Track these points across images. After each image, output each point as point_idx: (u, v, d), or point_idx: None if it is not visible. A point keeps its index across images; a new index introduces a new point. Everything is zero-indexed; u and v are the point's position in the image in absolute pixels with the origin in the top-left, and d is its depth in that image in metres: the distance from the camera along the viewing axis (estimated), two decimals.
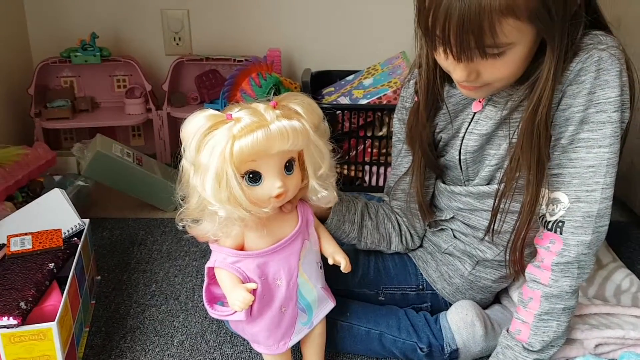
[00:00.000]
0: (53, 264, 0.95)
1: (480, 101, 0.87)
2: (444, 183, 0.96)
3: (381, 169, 1.54)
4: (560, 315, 0.81)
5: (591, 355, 0.88)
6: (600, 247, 0.81)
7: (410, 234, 1.02)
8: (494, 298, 1.04)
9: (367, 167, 1.55)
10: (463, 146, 0.89)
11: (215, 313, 0.83)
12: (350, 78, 1.65)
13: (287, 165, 0.75)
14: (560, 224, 0.79)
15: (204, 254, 1.27)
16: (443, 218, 0.98)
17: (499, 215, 0.84)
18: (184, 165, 0.74)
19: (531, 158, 0.77)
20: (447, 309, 0.98)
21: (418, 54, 0.87)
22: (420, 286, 1.01)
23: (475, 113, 0.87)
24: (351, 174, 1.57)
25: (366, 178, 1.56)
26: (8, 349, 0.82)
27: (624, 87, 0.75)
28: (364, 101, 1.50)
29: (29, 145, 1.46)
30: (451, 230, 0.98)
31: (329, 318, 0.90)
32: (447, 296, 1.00)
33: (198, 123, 0.71)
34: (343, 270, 0.85)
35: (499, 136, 0.85)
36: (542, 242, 0.82)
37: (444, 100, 0.89)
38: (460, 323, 0.94)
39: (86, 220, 1.11)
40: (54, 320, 0.83)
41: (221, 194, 0.70)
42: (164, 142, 1.74)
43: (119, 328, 1.03)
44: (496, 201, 0.84)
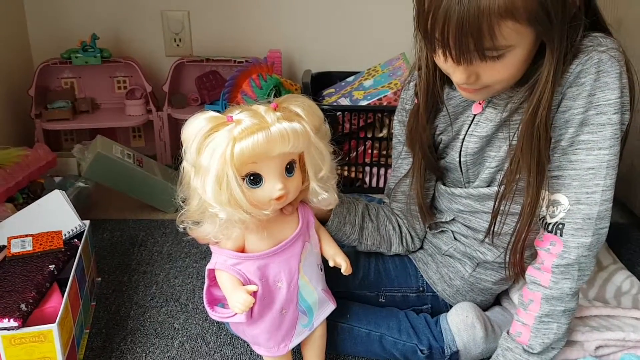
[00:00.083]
0: (53, 265, 0.95)
1: (480, 103, 0.87)
2: (444, 185, 0.96)
3: (381, 171, 1.54)
4: (560, 317, 0.81)
5: (591, 357, 0.88)
6: (600, 249, 0.81)
7: (410, 235, 1.02)
8: (494, 300, 1.04)
9: (368, 169, 1.55)
10: (463, 148, 0.89)
11: (216, 315, 0.83)
12: (350, 79, 1.65)
13: (288, 167, 0.75)
14: (560, 226, 0.79)
15: (204, 256, 1.27)
16: (443, 220, 0.97)
17: (499, 217, 0.84)
18: (185, 167, 0.74)
19: (531, 160, 0.77)
20: (448, 310, 0.98)
21: (418, 56, 0.87)
22: (421, 288, 1.01)
23: (475, 115, 0.87)
24: (351, 176, 1.57)
25: (366, 179, 1.56)
26: (8, 351, 0.82)
27: (624, 89, 0.75)
28: (364, 102, 1.50)
29: (30, 146, 1.46)
30: (451, 232, 0.98)
31: (330, 320, 0.90)
32: (448, 298, 1.00)
33: (199, 125, 0.71)
34: (344, 273, 0.85)
35: (499, 138, 0.85)
36: (543, 244, 0.82)
37: (444, 102, 0.89)
38: (461, 325, 0.94)
39: (86, 221, 1.12)
40: (55, 322, 0.83)
41: (222, 196, 0.70)
42: (164, 144, 1.74)
43: (119, 330, 1.04)
44: (496, 203, 0.84)
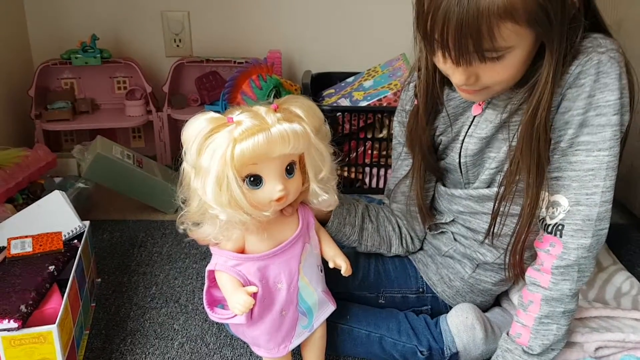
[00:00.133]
0: (53, 266, 0.95)
1: (480, 104, 0.86)
2: (444, 186, 0.96)
3: (381, 171, 1.54)
4: (560, 318, 0.81)
5: (591, 359, 0.89)
6: (600, 250, 0.81)
7: (410, 236, 1.02)
8: (494, 301, 1.04)
9: (368, 169, 1.55)
10: (463, 149, 0.89)
11: (216, 316, 0.83)
12: (350, 80, 1.65)
13: (288, 168, 0.75)
14: (560, 227, 0.79)
15: (204, 257, 1.27)
16: (443, 221, 0.97)
17: (499, 218, 0.84)
18: (185, 168, 0.74)
19: (531, 161, 0.77)
20: (447, 312, 0.98)
21: (417, 58, 0.87)
22: (421, 289, 1.01)
23: (475, 116, 0.87)
24: (351, 176, 1.57)
25: (366, 180, 1.56)
26: (8, 352, 0.82)
27: (624, 90, 0.75)
28: (364, 103, 1.50)
29: (30, 147, 1.46)
30: (451, 233, 0.98)
31: (329, 321, 0.90)
32: (447, 299, 1.00)
33: (199, 126, 0.71)
34: (344, 274, 0.85)
35: (498, 139, 0.85)
36: (542, 245, 0.82)
37: (444, 103, 0.89)
38: (461, 326, 0.94)
39: (86, 222, 1.12)
40: (55, 323, 0.83)
41: (222, 198, 0.70)
42: (164, 144, 1.74)
43: (119, 331, 1.04)
44: (496, 204, 0.84)
